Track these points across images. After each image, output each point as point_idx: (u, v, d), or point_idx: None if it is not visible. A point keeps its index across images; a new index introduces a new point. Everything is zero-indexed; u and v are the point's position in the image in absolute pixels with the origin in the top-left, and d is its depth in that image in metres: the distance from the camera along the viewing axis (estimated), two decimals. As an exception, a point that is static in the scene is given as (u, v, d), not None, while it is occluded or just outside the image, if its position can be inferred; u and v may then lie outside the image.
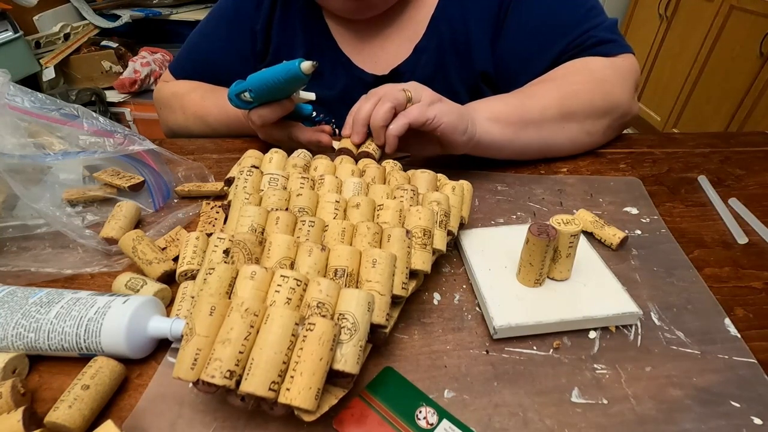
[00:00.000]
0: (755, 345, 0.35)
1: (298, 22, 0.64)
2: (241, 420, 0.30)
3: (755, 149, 0.63)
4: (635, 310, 0.36)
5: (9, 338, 0.31)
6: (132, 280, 0.37)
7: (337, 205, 0.38)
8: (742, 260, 0.44)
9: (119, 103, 1.71)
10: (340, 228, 0.35)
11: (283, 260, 0.32)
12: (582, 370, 0.34)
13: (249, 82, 0.48)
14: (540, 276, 0.37)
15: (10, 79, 0.47)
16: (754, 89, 1.69)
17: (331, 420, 0.30)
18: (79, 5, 1.78)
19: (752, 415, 0.31)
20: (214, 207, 0.47)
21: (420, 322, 0.37)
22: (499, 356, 0.34)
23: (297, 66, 0.44)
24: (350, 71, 0.65)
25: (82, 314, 0.32)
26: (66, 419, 0.27)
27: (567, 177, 0.55)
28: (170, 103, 0.69)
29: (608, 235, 0.44)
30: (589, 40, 0.56)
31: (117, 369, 0.31)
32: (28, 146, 0.45)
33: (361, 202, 0.38)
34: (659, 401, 0.32)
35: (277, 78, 0.46)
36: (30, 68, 1.52)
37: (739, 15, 1.75)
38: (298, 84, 0.48)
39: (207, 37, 0.69)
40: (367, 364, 0.33)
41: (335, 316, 0.28)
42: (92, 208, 0.48)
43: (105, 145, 0.49)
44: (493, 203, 0.51)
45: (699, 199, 0.52)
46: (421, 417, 0.30)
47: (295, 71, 0.44)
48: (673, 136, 0.66)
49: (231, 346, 0.26)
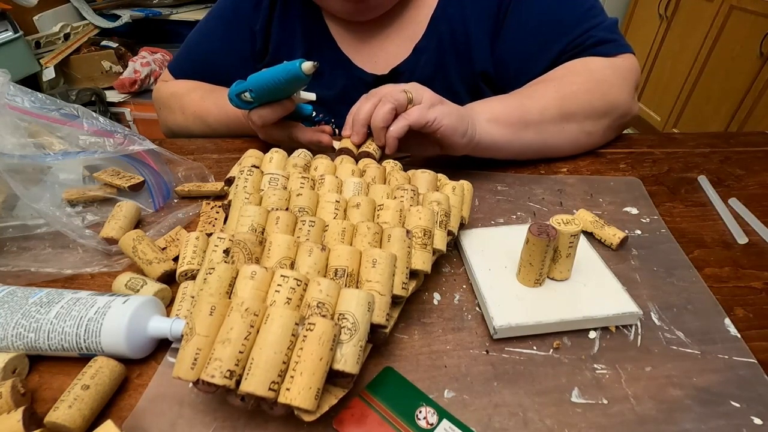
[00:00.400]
0: (755, 345, 0.35)
1: (297, 21, 0.64)
2: (241, 420, 0.30)
3: (755, 149, 0.63)
4: (635, 310, 0.36)
5: (9, 338, 0.31)
6: (132, 280, 0.37)
7: (337, 205, 0.38)
8: (742, 260, 0.44)
9: (119, 103, 1.71)
10: (341, 228, 0.35)
11: (283, 260, 0.32)
12: (582, 370, 0.34)
13: (249, 83, 0.48)
14: (540, 276, 0.37)
15: (10, 79, 0.47)
16: (754, 89, 1.69)
17: (331, 420, 0.30)
18: (79, 5, 1.78)
19: (752, 415, 0.31)
20: (214, 207, 0.47)
21: (420, 322, 0.37)
22: (499, 356, 0.34)
23: (298, 66, 0.44)
24: (350, 71, 0.65)
25: (82, 314, 0.32)
26: (66, 419, 0.27)
27: (567, 177, 0.55)
28: (169, 103, 0.69)
29: (608, 235, 0.44)
30: (588, 39, 0.56)
31: (117, 369, 0.31)
32: (28, 146, 0.45)
33: (361, 202, 0.38)
34: (659, 401, 0.32)
35: (278, 78, 0.46)
36: (30, 68, 1.52)
37: (739, 15, 1.75)
38: (298, 84, 0.48)
39: (206, 36, 0.69)
40: (367, 364, 0.33)
41: (335, 316, 0.28)
42: (92, 208, 0.48)
43: (105, 145, 0.49)
44: (493, 203, 0.51)
45: (699, 199, 0.52)
46: (421, 417, 0.30)
47: (296, 71, 0.44)
48: (673, 136, 0.66)
49: (231, 345, 0.26)
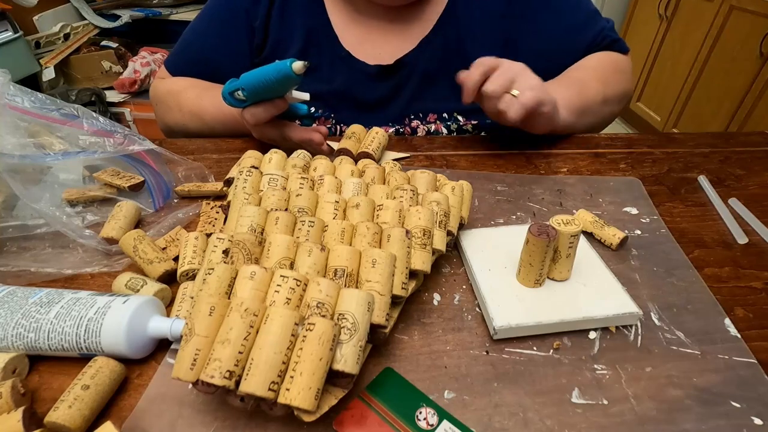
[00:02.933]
0: (755, 345, 0.35)
1: (298, 16, 0.64)
2: (241, 420, 0.30)
3: (755, 149, 0.63)
4: (635, 310, 0.36)
5: (9, 338, 0.31)
6: (132, 280, 0.37)
7: (336, 205, 0.38)
8: (742, 260, 0.44)
9: (119, 103, 1.70)
10: (340, 228, 0.35)
11: (282, 260, 0.32)
12: (582, 370, 0.34)
13: (242, 81, 0.48)
14: (540, 276, 0.37)
15: (10, 79, 0.47)
16: (754, 89, 1.69)
17: (331, 421, 0.30)
18: (79, 5, 1.78)
19: (752, 415, 0.31)
20: (214, 207, 0.47)
21: (420, 322, 0.37)
22: (499, 356, 0.34)
23: (288, 66, 0.44)
24: (350, 65, 0.65)
25: (82, 314, 0.32)
26: (66, 419, 0.27)
27: (567, 177, 0.55)
28: (166, 100, 0.69)
29: (608, 235, 0.44)
30: (604, 40, 0.66)
31: (117, 369, 0.31)
32: (28, 146, 0.45)
33: (360, 203, 0.38)
34: (659, 401, 0.32)
35: (269, 78, 0.45)
36: (30, 68, 1.52)
37: (739, 15, 1.75)
38: (290, 83, 0.48)
39: (202, 33, 0.68)
40: (367, 364, 0.33)
41: (335, 316, 0.28)
42: (92, 208, 0.48)
43: (105, 145, 0.49)
44: (493, 203, 0.51)
45: (699, 199, 0.52)
46: (421, 418, 0.30)
47: (286, 71, 0.44)
48: (673, 136, 0.66)
49: (230, 346, 0.26)
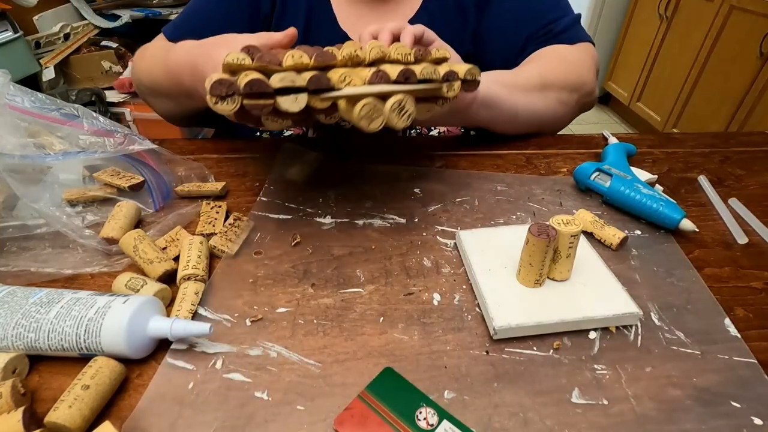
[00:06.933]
0: (755, 345, 0.35)
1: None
2: (241, 420, 0.30)
3: (755, 149, 0.63)
4: (635, 310, 0.36)
5: (9, 338, 0.31)
6: (132, 280, 0.37)
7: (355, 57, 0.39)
8: (742, 260, 0.44)
9: (119, 103, 1.70)
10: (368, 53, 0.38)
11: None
12: (582, 370, 0.34)
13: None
14: (540, 276, 0.37)
15: (10, 79, 0.47)
16: (754, 89, 1.69)
17: (331, 420, 0.30)
18: (79, 5, 1.78)
19: (752, 415, 0.31)
20: (214, 207, 0.47)
21: (420, 322, 0.37)
22: (499, 357, 0.34)
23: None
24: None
25: (82, 314, 0.32)
26: (66, 419, 0.27)
27: (567, 177, 0.55)
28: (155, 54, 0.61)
29: (608, 235, 0.44)
30: (556, 27, 0.65)
31: (117, 369, 0.31)
32: (28, 146, 0.45)
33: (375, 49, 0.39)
34: (659, 401, 0.32)
35: None
36: (30, 68, 1.51)
37: (739, 15, 1.75)
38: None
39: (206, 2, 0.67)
40: (367, 364, 0.34)
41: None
42: (92, 208, 0.48)
43: (105, 145, 0.49)
44: (493, 203, 0.51)
45: (699, 199, 0.52)
46: (421, 418, 0.30)
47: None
48: (673, 136, 0.66)
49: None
